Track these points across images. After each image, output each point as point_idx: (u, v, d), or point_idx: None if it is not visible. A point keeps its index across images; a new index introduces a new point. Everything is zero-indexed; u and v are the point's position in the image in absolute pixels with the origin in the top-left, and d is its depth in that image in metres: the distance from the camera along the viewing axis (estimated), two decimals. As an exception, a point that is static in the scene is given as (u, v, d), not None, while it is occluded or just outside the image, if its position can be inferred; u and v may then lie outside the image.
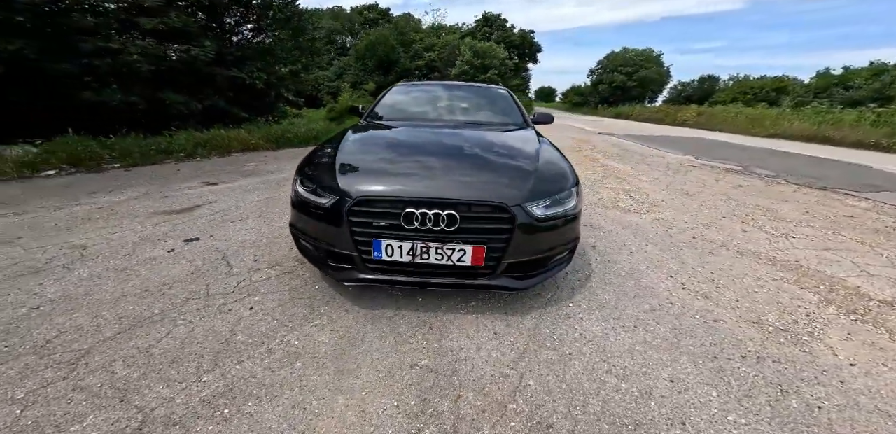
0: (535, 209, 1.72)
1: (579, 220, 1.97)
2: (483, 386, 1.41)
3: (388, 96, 3.47)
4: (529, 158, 2.12)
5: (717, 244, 2.95)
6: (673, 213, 3.75)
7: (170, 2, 5.43)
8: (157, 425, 1.16)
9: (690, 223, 3.45)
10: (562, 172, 2.04)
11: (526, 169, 1.95)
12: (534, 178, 1.87)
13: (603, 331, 1.78)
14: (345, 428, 1.21)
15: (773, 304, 2.07)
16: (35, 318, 1.73)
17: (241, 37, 7.65)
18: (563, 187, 1.89)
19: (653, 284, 2.26)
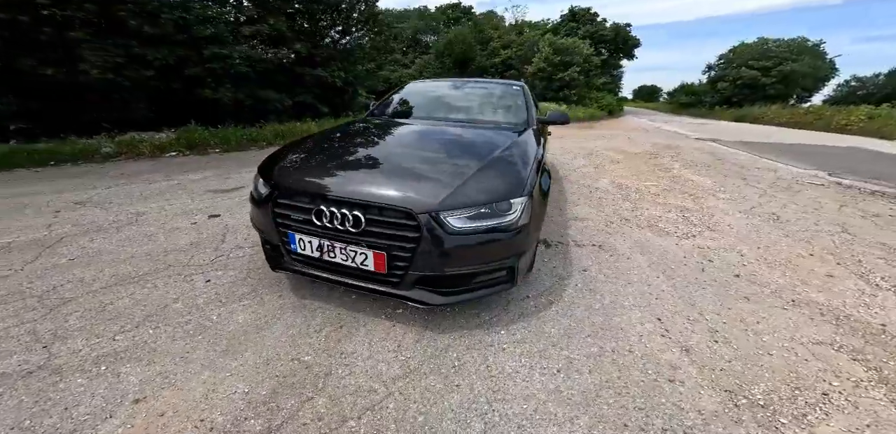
0: (450, 219, 1.54)
1: (526, 237, 1.69)
2: (341, 395, 1.35)
3: (397, 93, 3.51)
4: (475, 162, 1.87)
5: (766, 289, 2.25)
6: (732, 241, 2.98)
7: (269, 10, 6.45)
8: (44, 373, 1.39)
9: (748, 257, 2.69)
10: (508, 181, 1.76)
11: (460, 173, 1.74)
12: (462, 184, 1.66)
13: (516, 368, 1.52)
14: (183, 400, 1.28)
15: (793, 390, 1.49)
16: (63, 268, 2.24)
17: (330, 39, 8.60)
18: (499, 198, 1.64)
19: (625, 325, 1.84)
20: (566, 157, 6.81)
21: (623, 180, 4.99)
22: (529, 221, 1.70)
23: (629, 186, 4.66)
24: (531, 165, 1.93)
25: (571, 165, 5.96)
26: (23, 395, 1.26)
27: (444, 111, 3.08)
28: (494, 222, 1.59)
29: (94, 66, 5.16)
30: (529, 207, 1.69)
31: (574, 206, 3.79)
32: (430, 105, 3.21)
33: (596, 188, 4.54)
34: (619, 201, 3.99)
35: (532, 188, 1.77)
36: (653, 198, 4.18)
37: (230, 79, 7.07)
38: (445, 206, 1.54)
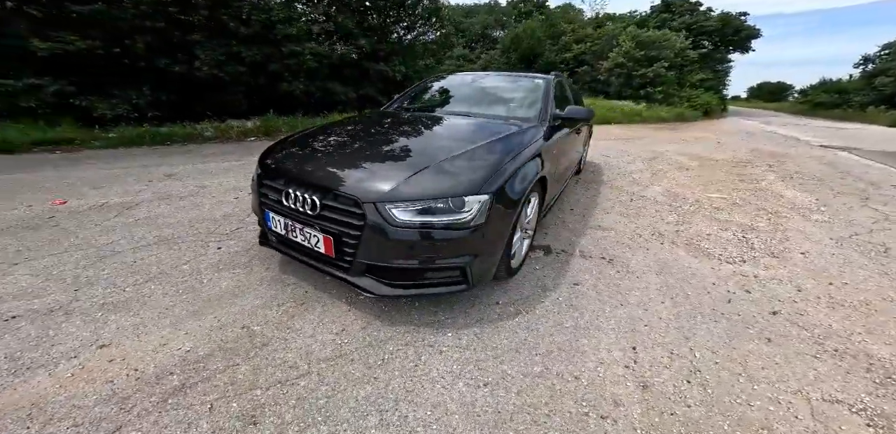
0: (395, 211, 1.52)
1: (481, 239, 1.60)
2: (264, 366, 1.45)
3: (416, 87, 3.52)
4: (442, 155, 1.81)
5: (806, 332, 1.78)
6: (795, 273, 2.41)
7: (338, 8, 7.00)
8: (60, 313, 1.72)
9: (807, 294, 2.16)
10: (469, 177, 1.65)
11: (417, 165, 1.69)
12: (413, 176, 1.62)
13: (443, 373, 1.46)
14: (134, 351, 1.49)
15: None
16: (127, 226, 2.76)
17: (396, 35, 8.99)
18: (453, 193, 1.56)
19: (589, 349, 1.63)
20: (621, 160, 6.15)
21: (682, 190, 4.34)
22: (487, 222, 1.59)
23: (686, 197, 4.04)
24: (507, 163, 1.79)
25: (623, 169, 5.37)
26: (32, 329, 1.60)
27: (453, 105, 3.02)
28: (445, 219, 1.53)
29: (205, 63, 6.21)
30: (489, 207, 1.59)
31: (603, 213, 3.42)
32: (441, 98, 3.17)
33: (641, 196, 4.02)
34: (663, 213, 3.49)
35: (500, 187, 1.65)
36: (712, 212, 3.56)
37: (305, 73, 7.86)
38: (390, 198, 1.53)
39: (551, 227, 3.03)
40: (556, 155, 2.63)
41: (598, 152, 6.81)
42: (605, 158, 6.23)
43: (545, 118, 2.55)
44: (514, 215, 1.75)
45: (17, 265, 2.15)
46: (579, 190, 4.17)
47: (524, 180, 1.83)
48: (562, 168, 2.99)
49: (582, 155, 4.44)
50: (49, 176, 4.17)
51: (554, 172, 2.64)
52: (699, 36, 20.97)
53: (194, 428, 1.14)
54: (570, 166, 3.54)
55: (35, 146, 6.23)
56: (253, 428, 1.15)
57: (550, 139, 2.44)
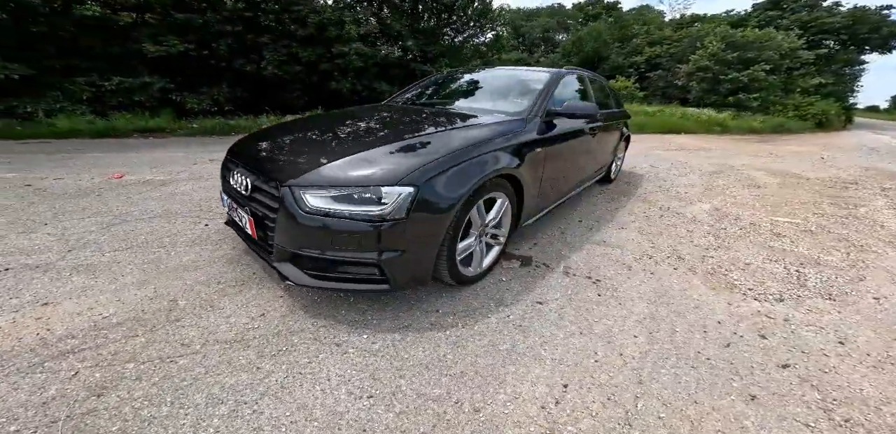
0: (307, 196, 1.44)
1: (399, 236, 1.44)
2: (159, 341, 1.45)
3: (421, 81, 3.41)
4: (379, 144, 1.69)
5: (817, 394, 1.29)
6: (849, 321, 1.81)
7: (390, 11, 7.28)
8: (43, 269, 1.96)
9: (850, 347, 1.60)
10: (394, 166, 1.50)
11: (346, 152, 1.59)
12: (334, 162, 1.52)
13: (331, 376, 1.33)
14: (64, 311, 1.60)
15: None
16: (150, 199, 3.09)
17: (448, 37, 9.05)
18: (370, 182, 1.43)
19: (511, 379, 1.36)
20: (672, 172, 5.38)
21: (738, 210, 3.62)
22: (411, 217, 1.43)
23: (740, 218, 3.35)
24: (448, 155, 1.59)
25: (670, 182, 4.67)
26: (10, 282, 1.81)
27: (444, 98, 2.87)
28: (358, 209, 1.41)
29: (269, 63, 6.90)
30: (412, 201, 1.42)
31: (617, 228, 2.97)
32: (436, 92, 3.03)
33: (677, 213, 3.43)
34: (697, 234, 2.92)
35: (431, 180, 1.48)
36: (767, 239, 2.90)
37: (353, 72, 8.29)
38: (304, 182, 1.46)
39: (543, 238, 2.71)
40: (553, 155, 2.35)
41: (646, 162, 6.09)
42: (651, 169, 5.52)
43: (537, 113, 2.28)
44: (451, 214, 1.55)
45: (46, 225, 2.51)
46: (600, 200, 3.71)
47: (471, 176, 1.62)
48: (565, 171, 2.67)
49: (610, 161, 3.94)
50: (130, 156, 4.91)
51: (548, 175, 2.35)
52: (819, 34, 17.82)
53: (41, 391, 1.17)
54: (585, 171, 3.16)
55: (136, 133, 7.46)
56: (95, 399, 1.14)
57: (543, 137, 2.18)
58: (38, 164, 4.38)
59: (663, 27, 21.19)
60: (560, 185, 2.69)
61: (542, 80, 2.59)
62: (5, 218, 2.62)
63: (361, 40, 7.63)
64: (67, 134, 6.79)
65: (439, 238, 1.57)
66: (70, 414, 1.08)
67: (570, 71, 2.92)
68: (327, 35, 7.17)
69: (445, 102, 2.76)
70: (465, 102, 2.68)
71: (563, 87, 2.75)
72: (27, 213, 2.73)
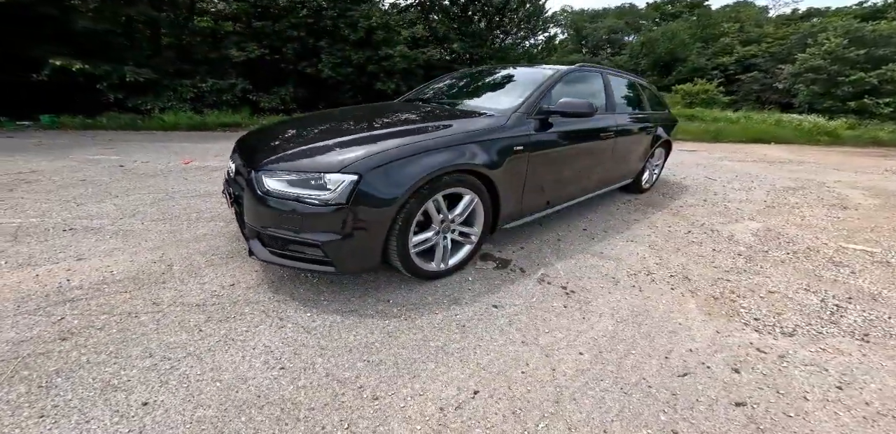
0: (266, 178, 1.58)
1: (339, 222, 1.52)
2: (136, 298, 1.68)
3: (433, 81, 3.43)
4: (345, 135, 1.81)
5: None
6: (868, 364, 1.44)
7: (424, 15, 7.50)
8: (83, 231, 2.39)
9: (849, 393, 1.27)
10: (343, 155, 1.58)
11: (310, 141, 1.72)
12: (294, 150, 1.65)
13: (259, 344, 1.45)
14: (89, 266, 1.96)
15: None
16: (196, 182, 3.60)
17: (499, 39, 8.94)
18: (317, 169, 1.53)
19: (422, 374, 1.35)
20: (731, 185, 4.70)
21: (799, 232, 3.05)
22: (354, 204, 1.50)
23: (797, 242, 2.83)
24: (399, 149, 1.62)
25: (719, 196, 4.08)
26: (68, 240, 2.26)
27: (449, 96, 2.87)
28: (307, 193, 1.52)
29: (325, 65, 7.57)
30: (353, 189, 1.49)
31: (625, 241, 2.71)
32: (443, 91, 3.03)
33: (712, 230, 3.00)
34: (723, 255, 2.54)
35: (375, 170, 1.53)
36: (818, 267, 2.41)
37: (399, 73, 8.65)
38: (266, 166, 1.61)
39: (534, 242, 2.58)
40: (544, 157, 2.26)
41: (703, 173, 5.41)
42: (706, 181, 4.88)
43: (526, 111, 2.19)
44: (397, 204, 1.58)
45: (117, 198, 3.08)
46: (620, 210, 3.40)
47: (421, 169, 1.62)
48: (564, 175, 2.53)
49: (638, 169, 3.58)
50: (207, 146, 5.77)
51: (537, 177, 2.27)
52: None
53: (27, 331, 1.42)
54: (596, 177, 2.93)
55: (220, 127, 8.71)
56: (58, 342, 1.37)
57: (529, 136, 2.10)
58: (138, 150, 5.34)
59: (763, 24, 18.46)
60: (557, 189, 2.55)
61: (540, 78, 2.47)
62: (93, 189, 3.28)
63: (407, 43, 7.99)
64: (171, 127, 8.15)
65: (384, 227, 1.61)
66: (32, 352, 1.33)
67: (580, 68, 2.74)
68: (375, 38, 7.65)
69: (445, 100, 2.77)
70: (465, 100, 2.67)
71: (570, 85, 2.60)
72: (109, 187, 3.38)
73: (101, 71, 7.72)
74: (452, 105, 2.62)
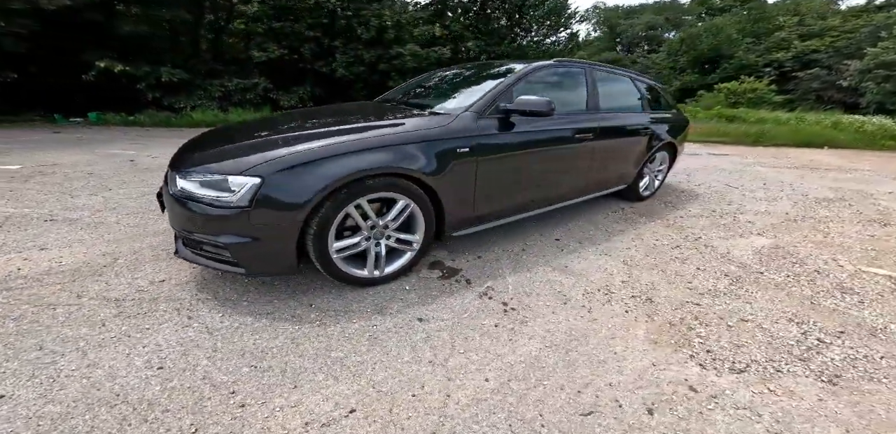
0: (180, 179, 1.58)
1: (243, 224, 1.48)
2: (68, 289, 1.75)
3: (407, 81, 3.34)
4: (264, 136, 1.80)
5: None
6: (829, 412, 1.20)
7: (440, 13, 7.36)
8: (63, 221, 2.53)
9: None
10: (247, 157, 1.54)
11: (231, 143, 1.68)
12: (222, 148, 1.65)
13: (153, 342, 1.44)
14: (44, 256, 2.06)
15: None
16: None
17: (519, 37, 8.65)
18: (220, 171, 1.51)
19: (304, 385, 1.27)
20: (751, 194, 4.21)
21: (817, 251, 2.66)
22: (257, 207, 1.46)
23: (807, 263, 2.47)
24: (310, 151, 1.55)
25: (733, 207, 3.67)
26: (41, 230, 2.47)
27: (419, 95, 2.76)
28: (212, 194, 1.50)
29: (339, 64, 7.71)
30: (256, 191, 1.44)
31: (597, 254, 2.48)
32: (418, 90, 2.90)
33: (706, 246, 2.69)
34: (707, 275, 2.25)
35: (280, 172, 1.48)
36: (822, 294, 2.07)
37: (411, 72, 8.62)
38: (180, 167, 1.61)
39: (495, 252, 2.42)
40: (500, 160, 2.13)
41: (724, 180, 4.92)
42: (723, 189, 4.41)
43: (479, 110, 2.04)
44: (307, 208, 1.51)
45: (110, 190, 3.27)
46: (607, 219, 3.13)
47: (335, 173, 1.54)
48: (526, 180, 2.36)
49: (632, 174, 3.27)
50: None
51: (492, 183, 2.13)
52: None
53: None
54: (569, 183, 2.71)
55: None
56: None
57: (488, 136, 2.00)
58: (156, 146, 5.69)
59: (827, 16, 16.60)
60: (523, 195, 2.38)
61: (504, 75, 2.30)
62: (94, 182, 3.50)
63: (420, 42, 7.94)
64: (197, 124, 8.66)
65: (293, 231, 1.55)
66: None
67: (557, 64, 2.52)
68: (385, 37, 7.69)
69: (414, 100, 2.66)
70: (435, 100, 2.54)
71: (542, 82, 2.42)
72: (109, 180, 3.60)
73: (140, 72, 8.35)
74: (420, 105, 2.51)
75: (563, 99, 2.62)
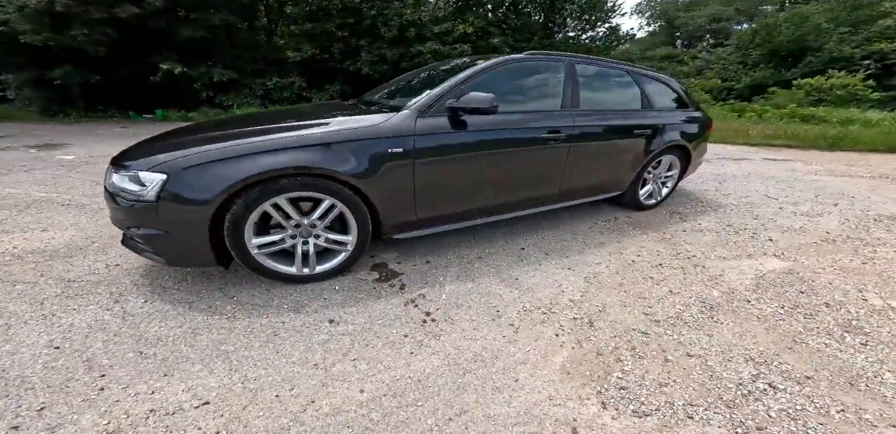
0: (111, 173, 1.69)
1: (144, 216, 1.58)
2: (42, 268, 1.97)
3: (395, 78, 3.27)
4: (195, 135, 1.89)
5: None
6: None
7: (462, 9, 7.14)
8: (70, 205, 2.83)
9: None
10: (158, 154, 1.61)
11: (163, 141, 1.76)
12: (154, 145, 1.73)
13: (68, 327, 1.56)
14: (42, 236, 2.32)
15: None
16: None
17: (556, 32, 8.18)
18: (134, 167, 1.59)
19: (174, 375, 1.30)
20: (791, 208, 3.59)
21: (842, 280, 2.21)
22: (165, 201, 1.53)
23: (820, 294, 2.06)
24: (221, 150, 1.59)
25: (757, 222, 3.15)
26: (52, 214, 2.78)
27: (391, 94, 2.69)
28: (129, 188, 1.59)
29: (364, 63, 7.90)
30: (162, 187, 1.51)
31: (558, 268, 2.26)
32: (393, 89, 2.84)
33: (697, 265, 2.34)
34: (677, 300, 1.95)
35: (187, 169, 1.53)
36: (813, 330, 1.70)
37: None
38: (113, 161, 1.72)
39: (448, 257, 2.31)
40: (450, 160, 2.03)
41: (766, 189, 4.27)
42: (759, 199, 3.82)
43: (421, 109, 1.94)
44: (214, 203, 1.54)
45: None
46: (592, 229, 2.85)
47: (243, 171, 1.55)
48: (488, 182, 2.22)
49: (626, 181, 2.94)
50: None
51: (437, 184, 2.04)
52: None
53: None
54: (544, 186, 2.50)
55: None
56: None
57: (429, 136, 1.91)
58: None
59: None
60: (476, 199, 2.24)
61: (453, 71, 2.17)
62: (122, 172, 3.93)
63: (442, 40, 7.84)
64: (241, 120, 9.41)
65: (202, 226, 1.59)
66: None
67: (524, 57, 2.30)
68: (406, 35, 7.70)
69: (384, 100, 2.61)
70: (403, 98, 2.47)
71: (508, 78, 2.26)
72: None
73: (196, 73, 9.25)
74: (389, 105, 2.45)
75: (533, 95, 2.44)
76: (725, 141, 8.44)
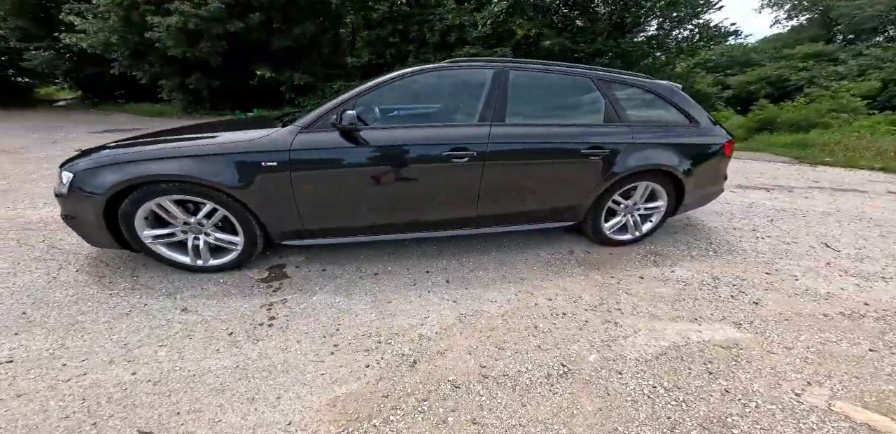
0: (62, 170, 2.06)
1: (70, 206, 1.95)
2: (17, 242, 2.58)
3: None
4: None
5: None
6: None
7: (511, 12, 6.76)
8: None
9: None
10: (84, 157, 1.97)
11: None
12: (91, 147, 2.13)
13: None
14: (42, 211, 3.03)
15: None
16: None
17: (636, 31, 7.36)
18: (66, 167, 1.99)
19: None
20: (859, 266, 2.64)
21: (803, 367, 1.62)
22: (70, 195, 1.90)
23: (742, 381, 1.56)
24: (114, 155, 1.91)
25: (772, 278, 2.42)
26: None
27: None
28: (61, 181, 1.97)
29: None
30: (70, 184, 1.88)
31: (440, 299, 2.10)
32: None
33: (611, 322, 1.94)
34: (508, 363, 1.66)
35: (86, 171, 1.88)
36: (677, 424, 1.30)
37: None
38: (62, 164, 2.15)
39: (348, 269, 2.35)
40: (332, 175, 2.08)
41: (838, 234, 3.27)
42: (802, 249, 2.92)
43: (306, 123, 2.01)
44: (101, 199, 1.85)
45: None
46: (529, 261, 2.53)
47: (127, 174, 1.84)
48: (380, 199, 2.20)
49: (579, 205, 2.52)
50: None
51: (335, 198, 2.12)
52: None
53: None
54: (445, 207, 2.32)
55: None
56: None
57: (306, 151, 1.98)
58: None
59: None
60: (370, 216, 2.21)
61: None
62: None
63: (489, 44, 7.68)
64: (311, 120, 10.62)
65: (96, 217, 1.92)
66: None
67: (442, 66, 2.19)
68: (448, 40, 7.72)
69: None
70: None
71: (418, 90, 2.23)
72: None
73: (283, 77, 10.73)
74: (286, 120, 2.54)
75: (448, 108, 2.32)
76: (852, 164, 6.30)
